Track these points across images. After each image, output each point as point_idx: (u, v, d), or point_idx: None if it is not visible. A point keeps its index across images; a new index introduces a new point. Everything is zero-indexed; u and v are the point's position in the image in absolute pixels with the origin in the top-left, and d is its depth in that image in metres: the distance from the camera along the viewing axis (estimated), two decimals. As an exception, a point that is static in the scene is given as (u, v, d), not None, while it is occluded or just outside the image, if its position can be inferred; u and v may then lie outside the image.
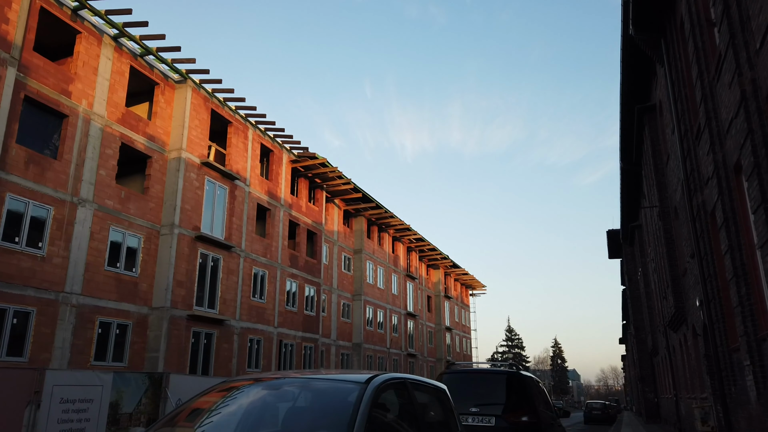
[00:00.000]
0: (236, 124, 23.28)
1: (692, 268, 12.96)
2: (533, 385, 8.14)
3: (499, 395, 7.62)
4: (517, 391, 7.61)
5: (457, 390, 7.90)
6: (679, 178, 13.55)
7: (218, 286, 21.16)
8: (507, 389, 7.67)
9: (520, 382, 7.69)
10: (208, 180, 21.27)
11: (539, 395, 8.36)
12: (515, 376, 7.77)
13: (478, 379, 7.84)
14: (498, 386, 7.74)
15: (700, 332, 13.00)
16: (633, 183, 24.51)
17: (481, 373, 7.93)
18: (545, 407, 8.52)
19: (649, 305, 27.89)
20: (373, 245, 36.61)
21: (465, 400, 7.66)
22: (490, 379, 7.82)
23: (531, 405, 7.47)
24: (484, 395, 7.65)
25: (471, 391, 7.75)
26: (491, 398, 7.60)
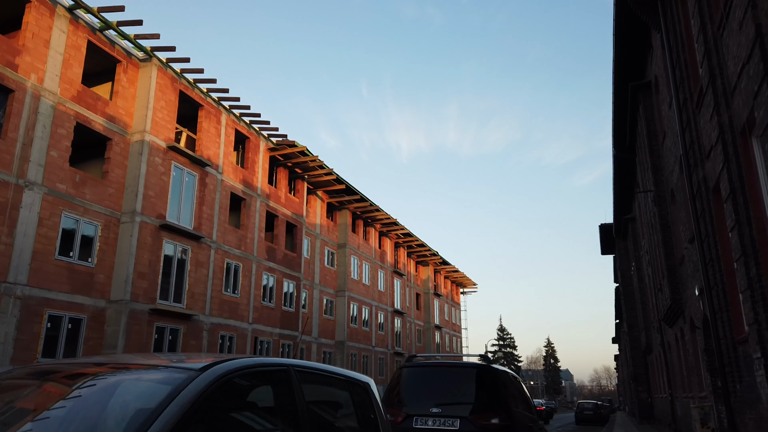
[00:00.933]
0: (208, 107, 21.96)
1: (691, 254, 11.79)
2: (508, 382, 6.93)
3: (467, 393, 6.39)
4: (489, 388, 6.38)
5: (417, 387, 6.68)
6: (676, 156, 12.38)
7: (186, 278, 19.84)
8: (476, 386, 6.45)
9: (492, 378, 6.47)
10: (176, 166, 19.94)
11: (515, 393, 7.14)
12: (486, 370, 6.55)
13: (442, 374, 6.62)
14: (466, 383, 6.52)
15: (699, 324, 11.83)
16: (627, 172, 23.39)
17: (446, 367, 6.70)
18: (524, 407, 7.30)
19: (643, 301, 26.79)
20: (359, 240, 35.34)
21: (425, 399, 6.43)
22: (456, 375, 6.59)
23: (504, 405, 6.25)
24: (449, 393, 6.43)
25: (433, 389, 6.52)
26: (457, 397, 6.38)
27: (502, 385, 6.51)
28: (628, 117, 17.93)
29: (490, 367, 6.61)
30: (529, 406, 7.77)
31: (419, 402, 6.44)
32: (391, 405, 6.52)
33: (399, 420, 6.30)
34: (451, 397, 6.39)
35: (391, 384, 6.75)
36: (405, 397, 6.60)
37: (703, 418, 11.44)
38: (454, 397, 6.37)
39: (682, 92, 10.66)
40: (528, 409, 7.54)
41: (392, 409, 6.44)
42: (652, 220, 16.73)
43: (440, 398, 6.37)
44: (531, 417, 7.44)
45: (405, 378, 6.73)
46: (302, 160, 26.86)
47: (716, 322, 9.68)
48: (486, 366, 6.61)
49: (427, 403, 6.30)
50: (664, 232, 14.65)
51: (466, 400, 6.31)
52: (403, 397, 6.60)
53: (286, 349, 25.69)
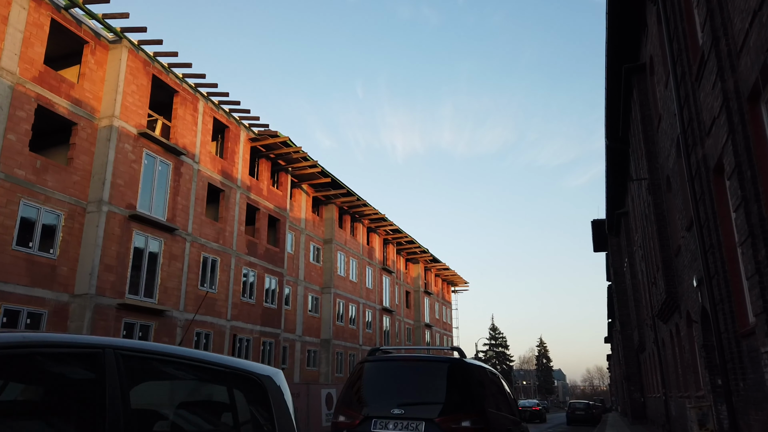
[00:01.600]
0: (183, 93, 20.97)
1: (688, 243, 10.98)
2: (485, 379, 6.06)
3: (436, 392, 5.52)
4: (461, 386, 5.51)
5: (379, 384, 5.79)
6: (672, 139, 11.57)
7: (158, 272, 18.86)
8: (447, 384, 5.57)
9: (466, 375, 5.59)
10: (148, 153, 18.95)
11: (494, 392, 6.27)
12: (459, 365, 5.67)
13: (408, 369, 5.73)
14: (435, 380, 5.64)
15: (696, 318, 11.02)
16: (620, 165, 22.62)
17: (414, 361, 5.81)
18: (504, 408, 6.44)
19: (636, 298, 26.05)
20: (345, 235, 34.42)
21: (387, 399, 5.55)
22: (424, 371, 5.71)
23: (478, 405, 5.38)
24: (415, 392, 5.55)
25: (397, 386, 5.64)
26: (424, 396, 5.50)
27: (476, 383, 5.64)
28: (622, 103, 17.12)
29: (464, 362, 5.73)
30: (511, 406, 6.91)
31: (381, 402, 5.56)
32: (348, 405, 5.64)
33: (356, 423, 5.42)
34: (417, 396, 5.51)
35: (350, 381, 5.86)
36: (365, 396, 5.72)
37: (701, 420, 10.63)
38: (422, 397, 5.49)
39: (680, 66, 9.83)
40: (509, 410, 6.68)
41: (349, 411, 5.55)
42: (646, 211, 15.94)
43: (405, 397, 5.49)
44: (512, 419, 6.57)
45: (366, 374, 5.85)
46: (285, 152, 25.91)
47: (717, 315, 8.86)
48: (459, 361, 5.73)
49: (390, 403, 5.42)
50: (659, 222, 13.84)
51: (435, 400, 5.43)
52: (363, 396, 5.72)
53: (268, 348, 24.74)
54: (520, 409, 39.68)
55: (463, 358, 5.81)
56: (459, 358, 5.80)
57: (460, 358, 5.78)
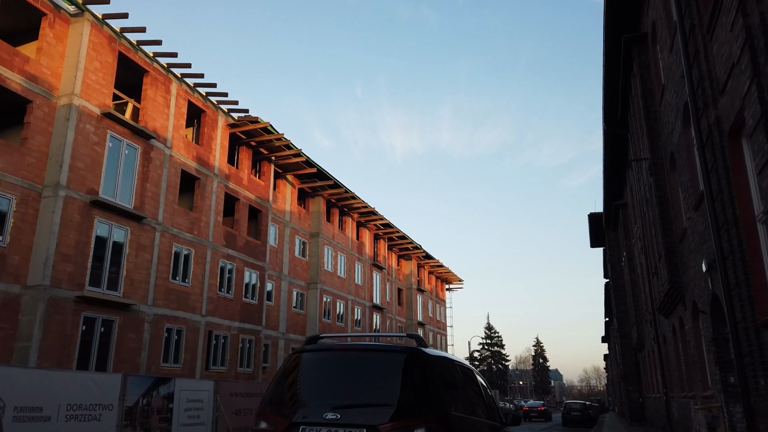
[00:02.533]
0: (154, 74, 19.67)
1: (695, 224, 9.77)
2: (452, 375, 4.82)
3: (386, 390, 4.27)
4: (419, 383, 4.27)
5: (315, 381, 4.54)
6: (678, 108, 10.36)
7: (124, 263, 17.56)
8: (403, 380, 4.32)
9: (425, 369, 4.35)
10: (113, 136, 17.66)
11: (464, 392, 5.03)
12: (417, 357, 4.43)
13: (352, 362, 4.48)
14: (386, 375, 4.39)
15: (705, 308, 9.81)
16: (618, 152, 21.44)
17: (360, 351, 4.55)
18: (478, 411, 5.20)
19: (634, 293, 24.87)
20: (333, 229, 33.15)
21: (322, 400, 4.31)
22: (373, 364, 4.46)
23: (439, 407, 4.14)
24: (359, 391, 4.30)
25: (337, 384, 4.39)
26: (370, 395, 4.25)
27: (439, 379, 4.40)
28: (621, 81, 15.92)
29: (422, 352, 4.48)
30: (489, 409, 5.67)
31: (314, 404, 4.31)
32: (273, 408, 4.39)
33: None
34: (362, 396, 4.26)
35: (278, 377, 4.61)
36: (295, 397, 4.47)
37: (710, 423, 9.40)
38: (368, 397, 4.25)
39: (688, 19, 8.61)
40: (486, 414, 5.44)
41: (273, 415, 4.31)
42: (647, 195, 14.72)
43: (345, 398, 4.25)
44: (488, 424, 5.33)
45: (299, 368, 4.61)
46: (267, 139, 24.63)
47: (732, 301, 7.65)
48: (416, 351, 4.48)
49: (325, 406, 4.17)
50: (662, 205, 12.63)
51: (384, 401, 4.19)
52: (293, 397, 4.48)
53: (247, 345, 23.47)
54: (526, 409, 38.90)
55: (423, 348, 4.56)
56: (417, 347, 4.55)
57: (417, 348, 4.53)
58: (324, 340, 5.04)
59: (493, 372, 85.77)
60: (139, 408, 12.21)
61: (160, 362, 18.58)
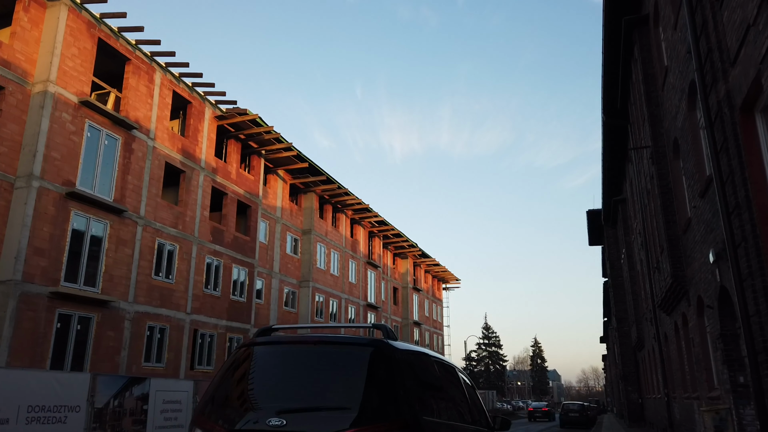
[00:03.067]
0: (137, 62, 18.95)
1: (702, 211, 9.09)
2: (426, 373, 4.14)
3: (346, 391, 3.57)
4: (385, 382, 3.56)
5: (262, 380, 3.85)
6: (683, 89, 9.68)
7: (102, 258, 16.85)
8: (366, 379, 3.61)
9: (393, 365, 3.65)
10: (91, 125, 16.94)
11: (442, 393, 4.34)
12: (384, 351, 3.72)
13: (307, 357, 3.77)
14: (346, 373, 3.69)
15: (711, 303, 9.13)
16: (617, 145, 20.77)
17: (316, 345, 3.83)
18: (459, 415, 4.51)
19: (634, 291, 24.21)
20: (326, 226, 32.43)
21: (267, 401, 3.61)
22: (332, 359, 3.76)
23: (408, 411, 3.44)
24: (313, 391, 3.60)
25: (287, 383, 3.69)
26: (326, 397, 3.55)
27: (410, 378, 3.70)
28: (621, 68, 15.26)
29: (390, 346, 3.78)
30: (474, 412, 4.98)
31: (259, 406, 3.62)
32: (211, 413, 3.68)
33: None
34: (316, 396, 3.56)
35: (222, 374, 3.90)
36: (238, 398, 3.76)
37: (718, 425, 8.72)
38: (323, 398, 3.55)
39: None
40: (469, 418, 4.75)
41: (208, 422, 3.60)
42: (648, 186, 14.05)
43: (295, 400, 3.55)
44: (472, 429, 4.64)
45: (245, 365, 3.90)
46: (256, 132, 23.92)
47: (744, 294, 6.97)
48: (383, 345, 3.78)
49: (271, 409, 3.47)
50: (664, 195, 11.95)
51: (342, 403, 3.49)
52: (236, 398, 3.77)
53: (235, 344, 22.75)
54: (531, 410, 39.08)
55: (390, 341, 3.86)
56: (384, 340, 3.84)
57: (385, 341, 3.82)
58: (279, 332, 4.33)
59: (491, 372, 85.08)
60: (110, 410, 11.50)
61: (142, 361, 17.86)
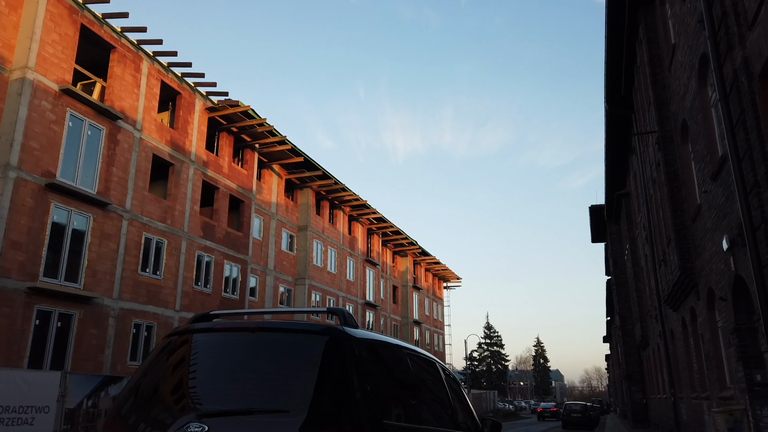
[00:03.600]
0: (122, 50, 18.31)
1: (714, 196, 8.39)
2: (393, 367, 3.46)
3: (289, 389, 2.88)
4: (338, 378, 2.87)
5: (187, 374, 3.16)
6: (692, 65, 8.99)
7: (85, 253, 16.21)
8: (315, 375, 2.91)
9: (348, 358, 2.95)
10: (73, 115, 16.30)
11: (414, 392, 3.65)
12: (340, 341, 3.02)
13: (247, 346, 3.09)
14: (294, 366, 2.99)
15: (724, 294, 8.43)
16: (621, 136, 20.05)
17: (258, 332, 3.14)
18: (435, 419, 3.83)
19: (638, 288, 23.51)
20: (323, 223, 31.77)
21: (190, 401, 2.93)
22: (277, 349, 3.07)
23: (361, 412, 2.76)
24: (248, 388, 2.91)
25: (220, 377, 3.00)
26: (263, 395, 2.86)
27: (370, 373, 3.03)
28: (625, 52, 14.55)
29: (347, 334, 3.09)
30: (458, 413, 4.29)
31: (180, 407, 2.93)
32: (125, 414, 3.00)
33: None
34: (251, 397, 2.87)
35: (143, 369, 3.22)
36: (157, 397, 3.07)
37: (732, 427, 8.02)
38: (260, 398, 2.86)
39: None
40: (451, 421, 4.06)
41: (118, 426, 2.92)
42: (653, 174, 13.35)
43: (225, 399, 2.87)
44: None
45: (172, 356, 3.22)
46: (248, 124, 23.26)
47: (764, 282, 6.27)
48: (339, 332, 3.09)
49: (194, 411, 2.79)
50: (671, 183, 11.25)
51: (284, 404, 2.81)
52: (155, 397, 3.08)
53: (227, 342, 22.07)
54: (540, 410, 39.07)
55: (348, 328, 3.17)
56: (339, 327, 3.15)
57: (340, 328, 3.13)
58: (220, 320, 3.65)
59: (493, 372, 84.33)
60: (83, 410, 10.85)
61: (127, 360, 17.22)
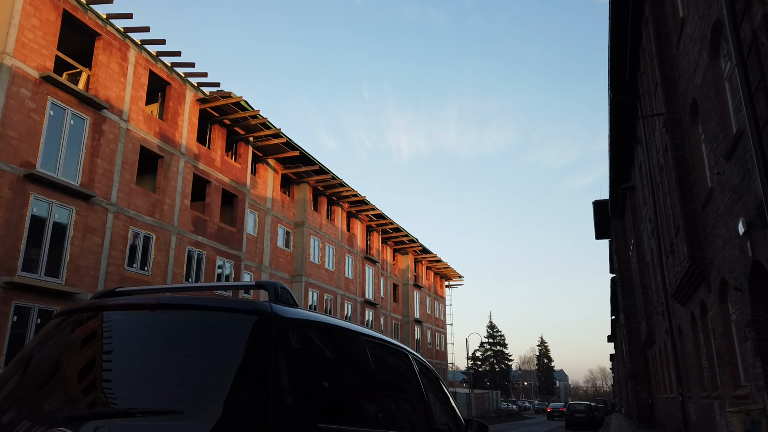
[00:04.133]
0: (108, 38, 17.70)
1: (728, 177, 7.68)
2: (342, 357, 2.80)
3: (193, 384, 2.19)
4: (257, 370, 2.18)
5: (68, 363, 2.47)
6: (704, 36, 8.28)
7: (67, 247, 15.60)
8: (232, 365, 2.22)
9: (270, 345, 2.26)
10: (55, 104, 15.69)
11: (367, 387, 2.95)
12: (264, 322, 2.33)
13: (144, 328, 2.42)
14: (200, 355, 2.31)
15: (740, 284, 7.72)
16: (625, 126, 19.32)
17: (160, 310, 2.47)
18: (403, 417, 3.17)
19: (643, 284, 22.75)
20: (321, 219, 31.11)
21: (60, 398, 2.26)
22: (181, 332, 2.39)
23: (287, 415, 2.07)
24: (137, 382, 2.23)
25: (104, 368, 2.32)
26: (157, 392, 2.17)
27: (303, 364, 2.37)
28: (630, 34, 13.85)
29: (275, 314, 2.40)
30: (432, 416, 3.61)
31: (45, 409, 2.25)
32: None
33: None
34: (140, 393, 2.20)
35: (18, 358, 2.55)
36: (26, 394, 2.38)
37: (749, 429, 7.31)
38: (152, 395, 2.18)
39: None
40: (424, 424, 3.39)
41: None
42: (661, 161, 12.63)
43: (106, 398, 2.20)
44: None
45: (54, 342, 2.54)
46: (241, 116, 22.63)
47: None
48: (263, 312, 2.39)
49: (61, 414, 2.12)
50: (680, 168, 10.54)
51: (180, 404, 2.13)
52: (24, 394, 2.39)
53: (219, 341, 21.45)
54: (549, 410, 39.05)
55: (278, 306, 2.49)
56: (267, 305, 2.47)
57: (267, 306, 2.44)
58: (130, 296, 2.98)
59: (496, 372, 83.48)
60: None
61: (112, 358, 16.58)
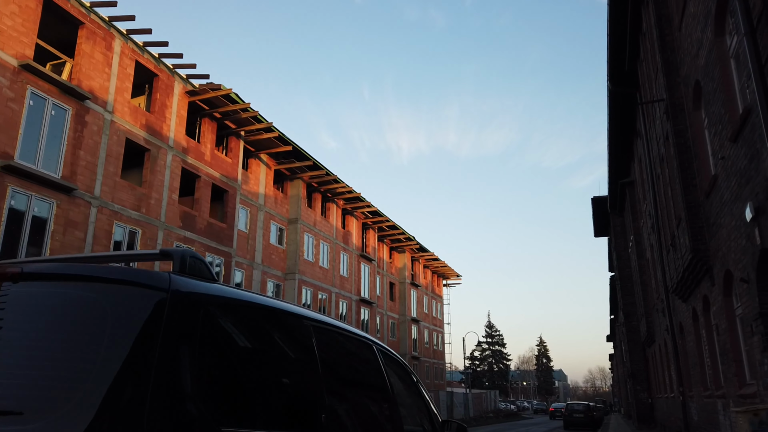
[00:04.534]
0: (92, 26, 17.19)
1: (733, 161, 7.18)
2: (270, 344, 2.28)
3: (61, 374, 1.69)
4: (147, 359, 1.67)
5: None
6: (708, 12, 7.79)
7: (47, 242, 15.08)
8: (114, 355, 1.71)
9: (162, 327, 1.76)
10: (35, 93, 15.18)
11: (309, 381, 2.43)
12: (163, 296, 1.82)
13: (10, 302, 1.89)
14: (73, 338, 1.80)
15: (747, 275, 7.22)
16: (624, 119, 18.83)
17: (22, 278, 1.92)
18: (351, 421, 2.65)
19: (643, 282, 22.25)
20: (315, 216, 30.59)
21: None
22: (50, 310, 1.87)
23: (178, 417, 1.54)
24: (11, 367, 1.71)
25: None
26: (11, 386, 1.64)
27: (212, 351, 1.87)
28: (629, 19, 13.35)
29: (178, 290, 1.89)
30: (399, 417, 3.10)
31: None
32: None
33: None
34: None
35: None
36: None
37: (757, 429, 6.80)
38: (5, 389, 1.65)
39: None
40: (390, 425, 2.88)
41: None
42: (661, 150, 12.13)
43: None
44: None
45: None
46: (231, 109, 22.11)
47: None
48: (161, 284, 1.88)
49: None
50: (683, 155, 10.04)
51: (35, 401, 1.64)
52: None
53: (208, 339, 20.93)
54: (552, 410, 38.66)
55: (181, 278, 1.97)
56: (165, 275, 1.95)
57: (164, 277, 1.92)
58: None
59: (494, 372, 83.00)
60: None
61: (95, 357, 16.07)
